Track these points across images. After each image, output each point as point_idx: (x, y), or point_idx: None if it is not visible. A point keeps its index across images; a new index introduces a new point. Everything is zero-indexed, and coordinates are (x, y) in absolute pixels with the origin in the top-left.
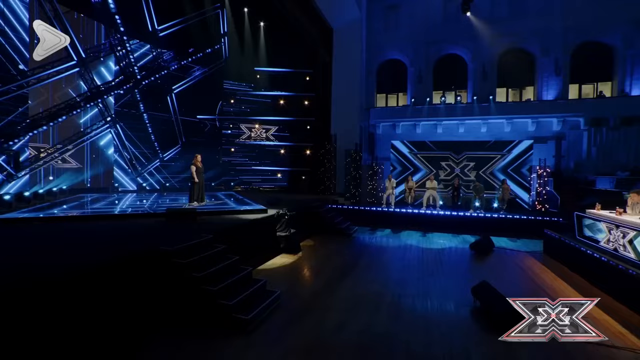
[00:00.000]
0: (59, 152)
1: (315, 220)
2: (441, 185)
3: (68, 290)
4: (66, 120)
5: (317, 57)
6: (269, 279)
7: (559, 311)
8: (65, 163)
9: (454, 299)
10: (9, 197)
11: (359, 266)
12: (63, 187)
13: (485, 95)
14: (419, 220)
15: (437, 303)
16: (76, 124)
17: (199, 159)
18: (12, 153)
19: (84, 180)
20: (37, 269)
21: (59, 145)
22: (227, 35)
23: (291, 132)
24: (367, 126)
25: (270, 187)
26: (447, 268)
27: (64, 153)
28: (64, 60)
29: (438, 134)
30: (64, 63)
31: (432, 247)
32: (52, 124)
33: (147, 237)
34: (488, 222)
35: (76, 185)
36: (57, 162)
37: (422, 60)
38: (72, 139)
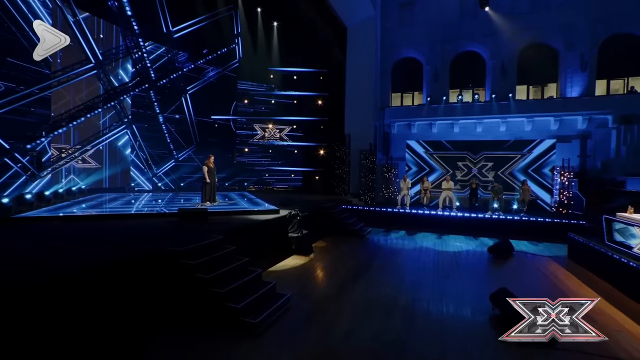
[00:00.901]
0: (78, 153)
1: (328, 221)
2: (458, 186)
3: (80, 288)
4: (86, 122)
5: (331, 57)
6: (280, 280)
7: (559, 311)
8: (85, 163)
9: (471, 305)
10: (30, 197)
11: (372, 268)
12: (82, 186)
13: (505, 93)
14: (434, 222)
15: (453, 309)
16: (95, 125)
17: (211, 159)
18: (35, 154)
19: (103, 180)
20: (49, 266)
21: (78, 146)
22: (241, 35)
23: (305, 132)
24: (382, 126)
25: (283, 188)
26: (463, 272)
27: (84, 153)
28: (82, 63)
29: (455, 134)
30: (83, 66)
31: (448, 250)
32: (72, 125)
33: (157, 237)
34: (507, 224)
35: (95, 185)
36: (77, 162)
37: (438, 58)
38: (90, 140)
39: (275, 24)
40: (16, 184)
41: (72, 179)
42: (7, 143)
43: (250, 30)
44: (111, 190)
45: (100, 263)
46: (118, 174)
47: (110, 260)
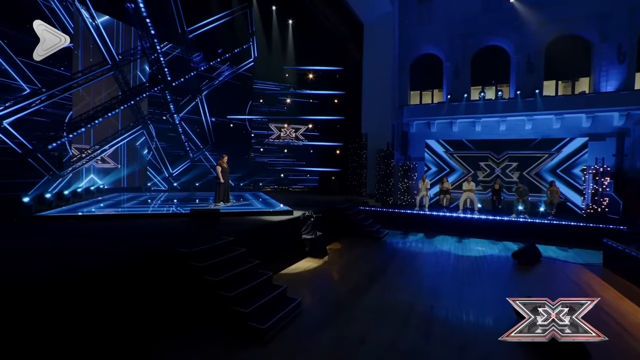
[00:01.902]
0: (98, 153)
1: (344, 222)
2: (480, 187)
3: (85, 288)
4: (105, 123)
5: (347, 54)
6: (291, 284)
7: (559, 311)
8: (104, 163)
9: (494, 315)
10: (50, 196)
11: (389, 272)
12: (100, 186)
13: (531, 89)
14: (454, 225)
15: (474, 318)
16: (113, 125)
17: (225, 159)
18: (56, 154)
19: (120, 179)
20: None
21: (96, 146)
22: (256, 34)
23: (321, 131)
24: (400, 125)
25: (299, 188)
26: (485, 278)
27: (102, 153)
28: (100, 64)
29: (476, 132)
30: (101, 67)
31: (469, 255)
32: (90, 125)
33: (168, 238)
34: (534, 228)
35: (114, 184)
36: (96, 162)
37: (459, 54)
38: (108, 140)
39: (290, 21)
40: (39, 184)
41: (92, 179)
42: (30, 144)
43: (265, 29)
44: (128, 190)
45: (107, 263)
46: (135, 173)
47: (117, 261)
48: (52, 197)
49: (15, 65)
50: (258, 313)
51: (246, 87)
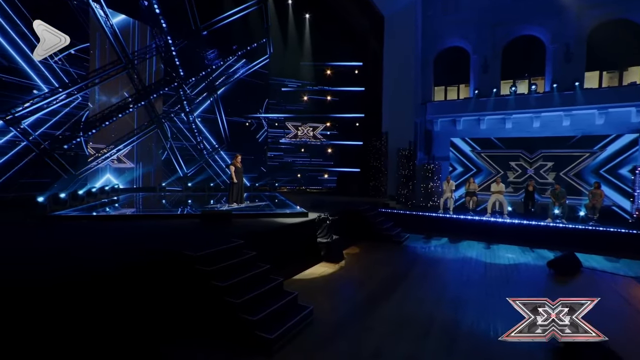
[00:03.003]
0: (112, 152)
1: (362, 225)
2: (510, 189)
3: (88, 290)
4: (120, 122)
5: (367, 49)
6: (304, 290)
7: (559, 311)
8: (120, 163)
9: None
10: (64, 195)
11: (409, 280)
12: (115, 185)
13: (569, 81)
14: (482, 229)
15: (503, 333)
16: (128, 124)
17: (238, 159)
18: (72, 154)
19: (135, 179)
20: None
21: (111, 146)
22: (271, 29)
23: (339, 129)
24: (423, 122)
25: (317, 189)
26: (516, 289)
27: (118, 153)
28: (114, 63)
29: (506, 130)
30: (115, 66)
31: (498, 262)
32: (105, 125)
33: (176, 240)
34: (573, 234)
35: (129, 184)
36: (112, 162)
37: (487, 46)
38: (123, 140)
39: (307, 15)
40: (55, 183)
41: (108, 179)
42: (46, 143)
43: (281, 24)
44: (143, 190)
45: (111, 265)
46: (150, 173)
47: (121, 263)
48: (66, 196)
49: (33, 65)
50: (266, 321)
51: (262, 85)
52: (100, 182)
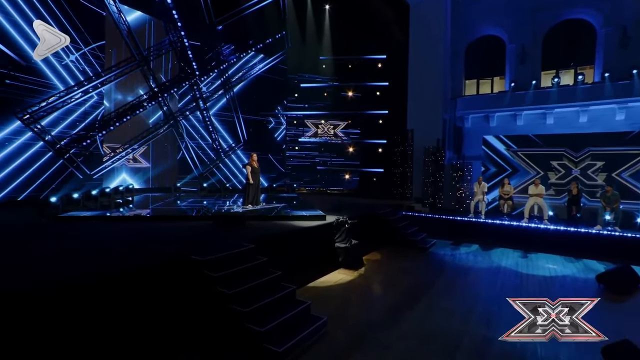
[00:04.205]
0: (128, 152)
1: (384, 229)
2: (551, 191)
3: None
4: (136, 121)
5: (391, 41)
6: (319, 299)
7: (559, 311)
8: (136, 163)
9: (568, 356)
10: (77, 196)
11: (434, 291)
12: (130, 186)
13: (625, 69)
14: (518, 236)
15: (541, 354)
16: (143, 123)
17: (254, 158)
18: (87, 153)
19: (150, 179)
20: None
21: (125, 145)
22: (289, 22)
23: (362, 127)
24: (453, 119)
25: (338, 190)
26: None
27: (133, 152)
28: (128, 60)
29: (547, 126)
30: (128, 64)
31: (537, 273)
32: (119, 124)
33: (185, 243)
34: (628, 244)
35: (143, 184)
36: (128, 161)
37: (526, 33)
38: (138, 139)
39: (327, 7)
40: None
41: (124, 179)
42: (62, 143)
43: (299, 17)
44: (158, 190)
45: (114, 270)
46: (165, 173)
47: (126, 266)
48: (79, 197)
49: (50, 65)
50: (275, 333)
51: (280, 81)
52: (115, 182)
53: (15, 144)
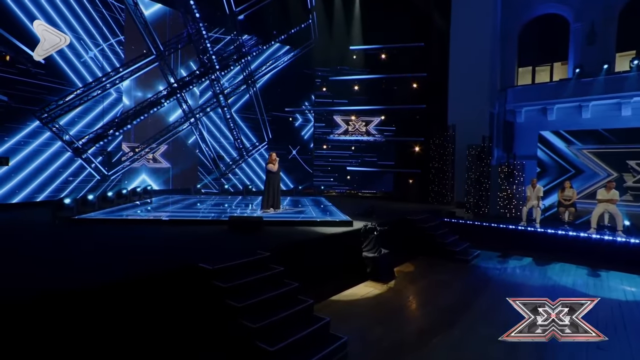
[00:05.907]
0: (146, 151)
1: (419, 237)
2: (628, 196)
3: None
4: (156, 119)
5: (430, 26)
6: (340, 315)
7: (559, 311)
8: (156, 163)
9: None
10: (92, 197)
11: (475, 310)
12: (148, 187)
13: None
14: (583, 249)
15: None
16: (165, 122)
17: (273, 157)
18: (105, 153)
19: (170, 180)
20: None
21: (143, 145)
22: (315, 10)
23: (397, 123)
24: (502, 112)
25: (370, 193)
26: (637, 336)
27: (152, 152)
28: (145, 55)
29: (622, 119)
30: (144, 59)
31: (608, 296)
32: (136, 122)
33: (196, 249)
34: None
35: (163, 185)
36: (148, 161)
37: (597, 9)
38: (156, 138)
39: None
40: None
41: (143, 179)
42: (79, 143)
43: (326, 3)
44: (177, 192)
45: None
46: (185, 173)
47: (130, 273)
48: (94, 198)
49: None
50: (287, 354)
51: (307, 75)
52: (135, 182)
53: (35, 144)
